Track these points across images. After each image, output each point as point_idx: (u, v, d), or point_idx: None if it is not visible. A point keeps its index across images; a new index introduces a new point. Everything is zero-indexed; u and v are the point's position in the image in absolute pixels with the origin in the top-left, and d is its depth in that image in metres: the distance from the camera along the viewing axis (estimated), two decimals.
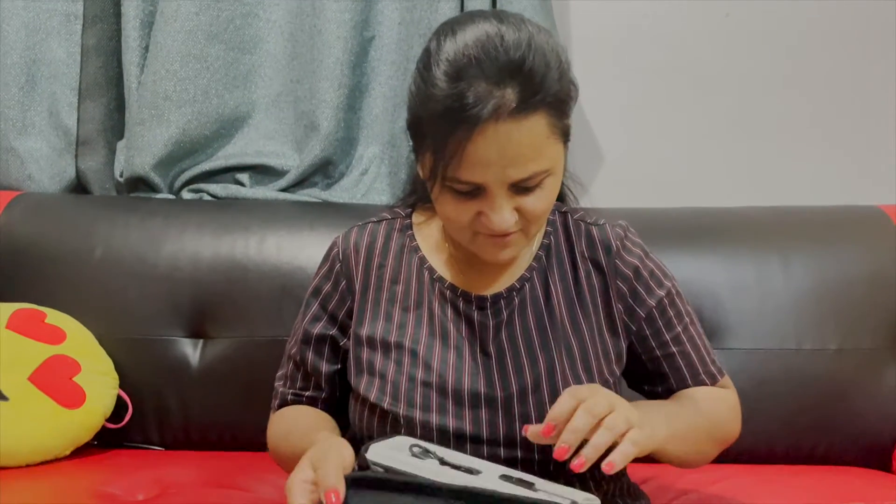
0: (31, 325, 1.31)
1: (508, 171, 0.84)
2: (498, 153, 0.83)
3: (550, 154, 0.87)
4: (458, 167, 0.84)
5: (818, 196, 1.55)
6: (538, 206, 0.88)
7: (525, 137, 0.83)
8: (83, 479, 1.22)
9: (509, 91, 0.81)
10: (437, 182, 0.87)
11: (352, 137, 1.62)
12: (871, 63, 1.63)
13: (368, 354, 0.96)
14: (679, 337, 0.99)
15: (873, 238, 1.40)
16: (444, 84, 0.83)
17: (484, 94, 0.81)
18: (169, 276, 1.40)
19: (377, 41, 1.60)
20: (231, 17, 1.58)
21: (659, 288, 0.98)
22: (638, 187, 1.63)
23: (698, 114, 1.65)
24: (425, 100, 0.85)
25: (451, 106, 0.82)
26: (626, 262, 0.98)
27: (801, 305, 1.35)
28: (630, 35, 1.65)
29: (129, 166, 1.58)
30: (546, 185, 0.88)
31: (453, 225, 0.91)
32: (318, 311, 1.01)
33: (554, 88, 0.84)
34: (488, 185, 0.85)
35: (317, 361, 1.01)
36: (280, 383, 1.05)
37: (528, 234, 0.92)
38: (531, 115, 0.83)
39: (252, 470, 1.25)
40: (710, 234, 1.43)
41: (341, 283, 1.01)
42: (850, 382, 1.32)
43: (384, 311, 0.98)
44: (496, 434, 0.91)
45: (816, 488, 1.18)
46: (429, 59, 0.86)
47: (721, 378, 1.02)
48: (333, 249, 1.03)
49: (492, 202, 0.86)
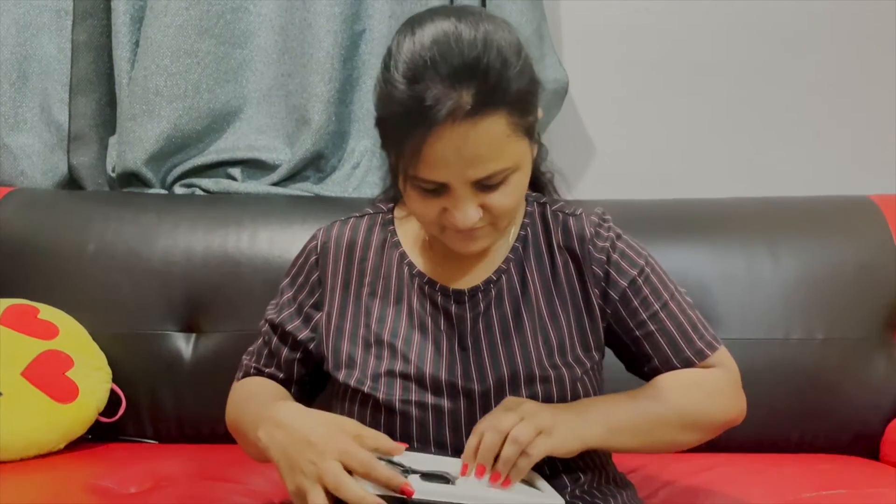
0: (24, 321, 1.32)
1: (468, 171, 0.84)
2: (455, 154, 0.83)
3: (512, 152, 0.86)
4: (418, 167, 0.85)
5: (808, 186, 1.55)
6: (503, 203, 0.88)
7: (482, 138, 0.83)
8: (77, 472, 1.23)
9: (465, 93, 0.81)
10: (402, 179, 0.88)
11: (343, 131, 1.62)
12: (861, 55, 1.63)
13: (349, 348, 0.97)
14: (657, 315, 0.98)
15: (862, 228, 1.41)
16: (402, 86, 0.83)
17: (440, 96, 0.81)
18: (162, 270, 1.41)
19: (367, 35, 1.60)
20: (221, 12, 1.58)
21: (631, 267, 0.98)
22: (628, 179, 1.64)
23: (689, 106, 1.66)
24: (386, 100, 0.85)
25: (409, 107, 0.82)
26: (599, 247, 0.98)
27: (789, 295, 1.35)
28: (621, 28, 1.65)
29: (121, 161, 1.58)
30: (511, 181, 0.88)
31: (421, 220, 0.93)
32: (290, 301, 1.04)
33: (513, 87, 0.83)
34: (450, 184, 0.86)
35: (279, 347, 1.03)
36: (247, 356, 1.09)
37: (498, 227, 0.92)
38: (488, 116, 0.82)
39: (245, 462, 1.25)
40: (699, 225, 1.44)
41: (313, 275, 1.02)
42: (838, 371, 1.33)
43: (364, 305, 0.99)
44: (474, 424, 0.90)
45: (804, 476, 1.19)
46: (389, 59, 0.86)
47: (711, 353, 0.99)
48: (312, 242, 1.05)
49: (455, 200, 0.87)
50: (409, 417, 0.92)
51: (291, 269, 1.06)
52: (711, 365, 0.99)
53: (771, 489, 1.14)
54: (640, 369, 1.01)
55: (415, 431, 0.92)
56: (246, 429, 0.95)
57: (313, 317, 1.01)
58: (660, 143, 1.67)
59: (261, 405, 0.94)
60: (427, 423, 0.92)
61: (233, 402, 1.05)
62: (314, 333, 1.01)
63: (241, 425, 0.98)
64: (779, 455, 1.30)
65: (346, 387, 0.95)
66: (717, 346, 1.00)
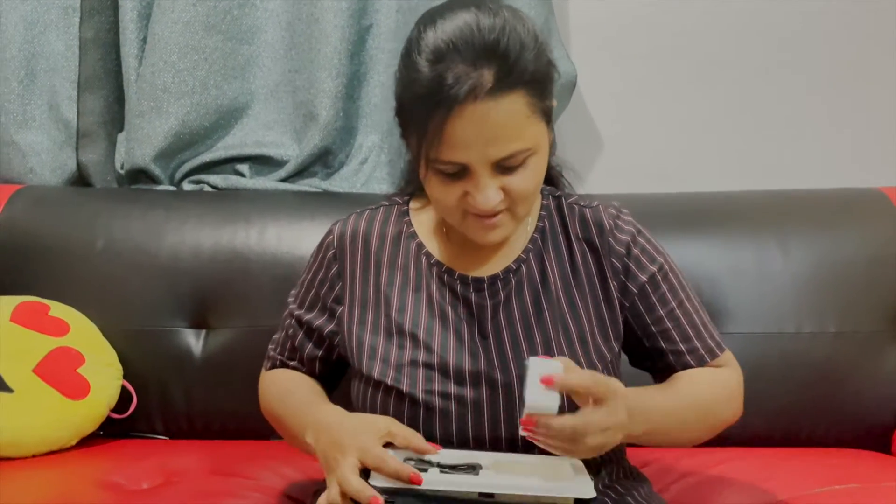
0: (35, 318, 1.32)
1: (489, 150, 0.87)
2: (477, 132, 0.86)
3: (531, 133, 0.89)
4: (440, 148, 0.87)
5: (817, 179, 1.54)
6: (523, 186, 0.90)
7: (503, 116, 0.86)
8: (89, 468, 1.23)
9: (486, 72, 0.85)
10: (423, 165, 0.90)
11: (351, 127, 1.62)
12: (869, 46, 1.62)
13: (371, 339, 0.97)
14: (674, 312, 0.99)
15: (873, 220, 1.40)
16: (425, 69, 0.87)
17: (461, 75, 0.85)
18: (171, 267, 1.41)
19: (375, 29, 1.59)
20: (228, 8, 1.58)
21: (651, 263, 0.99)
22: (636, 173, 1.63)
23: (697, 99, 1.65)
24: (408, 84, 0.89)
25: (431, 88, 0.86)
26: (619, 239, 0.99)
27: (800, 289, 1.35)
28: (629, 22, 1.64)
29: (129, 158, 1.58)
30: (530, 164, 0.90)
31: (442, 207, 0.94)
32: (313, 297, 1.05)
33: (530, 68, 0.87)
34: (471, 165, 0.88)
35: (304, 342, 1.06)
36: (272, 346, 1.12)
37: (516, 215, 0.93)
38: (508, 94, 0.86)
39: (255, 458, 1.26)
40: (709, 218, 1.43)
41: (332, 269, 1.03)
42: (850, 365, 1.32)
43: (384, 295, 0.99)
44: (497, 413, 0.92)
45: (816, 470, 1.19)
46: (411, 46, 0.90)
47: (721, 353, 1.01)
48: (329, 236, 1.06)
49: (476, 182, 0.89)
50: (431, 408, 0.93)
51: (311, 264, 1.07)
52: (720, 365, 1.01)
53: (783, 483, 1.14)
54: (650, 364, 1.01)
55: (438, 422, 0.93)
56: (289, 424, 1.01)
57: (336, 311, 1.02)
58: (668, 137, 1.66)
59: (305, 404, 0.99)
60: (450, 413, 0.93)
61: (269, 392, 1.08)
62: (337, 328, 1.02)
63: (284, 420, 1.03)
64: (790, 449, 1.30)
65: (370, 378, 0.96)
66: (724, 347, 1.02)
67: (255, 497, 1.13)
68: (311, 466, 1.23)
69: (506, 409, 0.92)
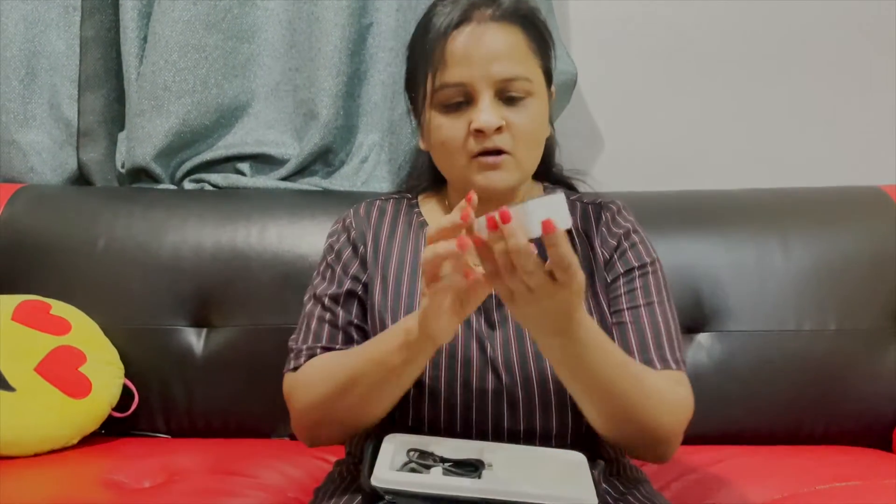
0: (37, 317, 1.32)
1: (492, 67, 0.93)
2: (477, 48, 0.93)
3: (532, 69, 0.96)
4: (444, 71, 0.93)
5: (818, 177, 1.54)
6: (523, 123, 0.94)
7: (502, 38, 0.94)
8: (91, 467, 1.23)
9: (490, 8, 0.96)
10: (428, 106, 0.96)
11: (351, 125, 1.62)
12: (870, 44, 1.62)
13: (381, 325, 0.98)
14: (638, 310, 0.96)
15: (873, 218, 1.40)
16: (431, 10, 0.98)
17: (465, 4, 0.96)
18: (172, 265, 1.41)
19: (375, 28, 1.59)
20: (228, 7, 1.58)
21: (635, 259, 0.99)
22: (637, 171, 1.63)
23: (698, 97, 1.65)
24: (418, 29, 0.99)
25: (437, 17, 0.96)
26: (613, 232, 1.01)
27: (800, 286, 1.35)
28: (629, 20, 1.64)
29: (130, 157, 1.58)
30: (530, 106, 0.95)
31: (448, 149, 0.96)
32: (341, 275, 1.02)
33: (528, 14, 0.98)
34: (474, 84, 0.93)
35: (348, 315, 1.00)
36: (296, 341, 1.01)
37: (519, 161, 0.95)
38: (507, 25, 0.95)
39: (257, 456, 1.26)
40: (709, 216, 1.43)
41: (359, 247, 1.04)
42: (850, 363, 1.32)
43: (395, 278, 1.00)
44: (500, 403, 0.93)
45: (817, 468, 1.19)
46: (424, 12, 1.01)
47: (675, 369, 0.94)
48: (346, 219, 1.07)
49: (479, 105, 0.93)
50: (437, 394, 0.93)
51: (331, 249, 1.05)
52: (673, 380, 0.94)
53: (784, 480, 1.14)
54: None
55: (443, 408, 0.93)
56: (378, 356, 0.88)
57: (363, 279, 1.02)
58: (669, 135, 1.66)
59: (375, 340, 0.91)
60: (455, 400, 0.93)
61: (322, 372, 0.95)
62: (366, 293, 1.01)
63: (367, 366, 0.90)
64: (791, 447, 1.30)
65: None
66: (683, 368, 0.95)
67: (256, 495, 1.13)
68: (313, 464, 1.24)
69: (509, 395, 0.93)
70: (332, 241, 1.06)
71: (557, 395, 0.92)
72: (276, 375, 1.06)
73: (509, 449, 0.89)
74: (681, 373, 0.95)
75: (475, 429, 0.93)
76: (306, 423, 0.97)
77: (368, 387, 0.89)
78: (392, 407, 0.91)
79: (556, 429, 0.93)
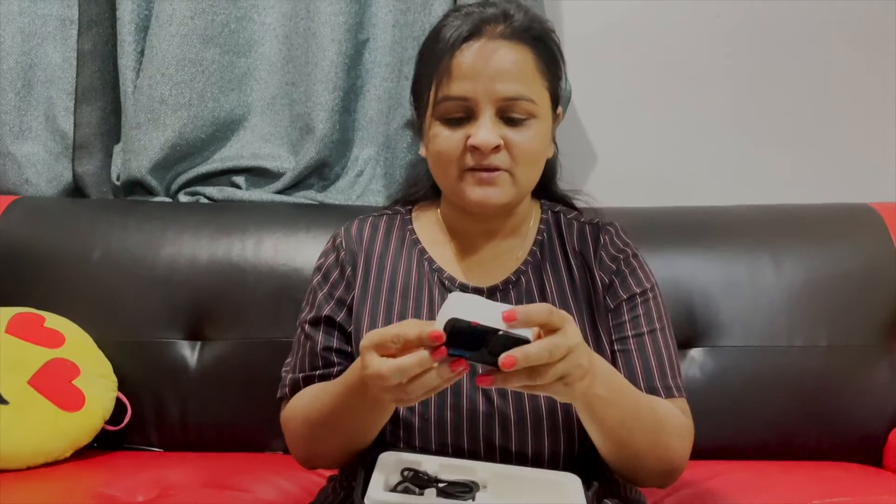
0: (30, 329, 1.32)
1: (495, 85, 0.93)
2: (483, 65, 0.93)
3: (537, 90, 0.95)
4: (449, 84, 0.93)
5: (809, 194, 1.56)
6: (523, 144, 0.94)
7: (509, 57, 0.94)
8: (83, 480, 1.23)
9: (502, 25, 0.95)
10: (430, 116, 0.96)
11: (347, 139, 1.63)
12: (861, 62, 1.64)
13: None
14: (642, 337, 0.97)
15: (864, 236, 1.42)
16: (444, 20, 0.98)
17: (476, 19, 0.95)
18: (166, 278, 1.41)
19: (371, 43, 1.61)
20: (226, 21, 1.59)
21: (636, 285, 0.99)
22: (631, 187, 1.64)
23: (691, 114, 1.67)
24: (429, 37, 0.99)
25: (448, 28, 0.95)
26: (612, 255, 1.01)
27: (792, 303, 1.36)
28: (622, 35, 1.66)
29: (125, 170, 1.59)
30: (532, 126, 0.94)
31: (444, 161, 0.95)
32: (327, 297, 1.02)
33: (539, 34, 0.97)
34: (477, 100, 0.93)
35: (327, 340, 1.00)
36: (287, 370, 1.04)
37: (516, 180, 0.95)
38: (516, 44, 0.95)
39: (251, 470, 1.26)
40: (702, 232, 1.44)
41: (347, 270, 1.03)
42: (841, 379, 1.33)
43: (385, 300, 1.00)
44: (492, 421, 0.93)
45: (810, 484, 1.19)
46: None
47: (678, 396, 0.96)
48: (337, 239, 1.06)
49: (479, 121, 0.93)
50: (427, 418, 0.93)
51: (318, 271, 1.05)
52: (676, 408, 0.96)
53: (778, 496, 1.15)
54: None
55: (433, 430, 0.93)
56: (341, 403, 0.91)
57: (345, 301, 1.01)
58: (661, 151, 1.67)
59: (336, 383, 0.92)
60: (445, 422, 0.93)
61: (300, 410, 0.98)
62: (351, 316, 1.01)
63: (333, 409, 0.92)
64: (783, 462, 1.31)
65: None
66: (684, 395, 0.98)
67: None
68: (307, 479, 1.23)
69: (501, 422, 0.93)
70: (322, 262, 1.06)
71: (550, 417, 0.93)
72: (270, 389, 1.07)
73: (504, 470, 0.89)
74: (682, 400, 0.97)
75: (467, 450, 0.93)
76: (301, 455, 1.01)
77: (346, 431, 0.92)
78: (378, 431, 0.92)
79: (548, 451, 0.93)
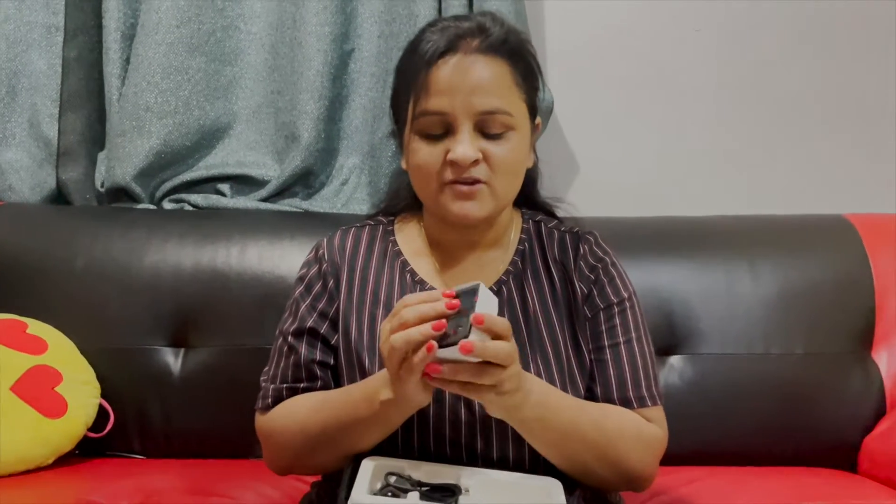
0: (13, 336, 1.31)
1: (473, 100, 0.94)
2: (461, 79, 0.94)
3: (515, 104, 0.96)
4: (427, 98, 0.94)
5: (785, 205, 1.59)
6: (502, 156, 0.95)
7: (487, 71, 0.95)
8: (66, 487, 1.22)
9: (478, 39, 0.96)
10: (409, 130, 0.97)
11: (332, 148, 1.64)
12: (839, 78, 1.67)
13: (357, 356, 0.98)
14: (618, 347, 0.99)
15: (838, 246, 1.45)
16: (420, 35, 0.98)
17: (452, 34, 0.96)
18: (150, 285, 1.41)
19: (357, 53, 1.62)
20: (212, 30, 1.60)
21: (614, 295, 1.01)
22: (611, 197, 1.66)
23: (669, 126, 1.69)
24: (406, 51, 0.99)
25: (425, 43, 0.96)
26: (590, 265, 1.02)
27: (769, 311, 1.38)
28: (603, 47, 1.69)
29: (110, 177, 1.59)
30: (511, 139, 0.96)
31: (424, 175, 0.97)
32: (309, 309, 1.02)
33: (515, 46, 0.97)
34: (455, 115, 0.94)
35: (311, 353, 1.00)
36: (267, 380, 1.03)
37: (495, 192, 0.96)
38: (493, 58, 0.95)
39: (233, 477, 1.26)
40: (681, 242, 1.47)
41: (329, 282, 1.03)
42: (817, 386, 1.36)
43: (368, 312, 1.01)
44: (473, 429, 0.94)
45: (786, 489, 1.21)
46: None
47: (651, 405, 0.98)
48: (319, 250, 1.06)
49: (457, 136, 0.94)
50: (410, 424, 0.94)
51: (301, 282, 1.05)
52: (647, 417, 0.98)
53: (754, 501, 1.16)
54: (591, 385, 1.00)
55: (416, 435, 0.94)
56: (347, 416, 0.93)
57: (337, 321, 1.01)
58: (641, 162, 1.70)
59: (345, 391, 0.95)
60: (428, 430, 0.94)
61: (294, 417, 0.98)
62: (335, 332, 1.01)
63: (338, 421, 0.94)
64: (760, 468, 1.33)
65: None
66: (658, 403, 0.99)
67: None
68: (290, 485, 1.24)
69: (482, 426, 0.94)
70: (304, 272, 1.06)
71: None
72: (253, 397, 1.07)
73: (486, 474, 0.90)
74: (657, 408, 0.99)
75: (449, 458, 0.94)
76: (283, 464, 1.01)
77: (344, 446, 0.94)
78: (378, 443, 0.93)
79: (529, 457, 0.95)
